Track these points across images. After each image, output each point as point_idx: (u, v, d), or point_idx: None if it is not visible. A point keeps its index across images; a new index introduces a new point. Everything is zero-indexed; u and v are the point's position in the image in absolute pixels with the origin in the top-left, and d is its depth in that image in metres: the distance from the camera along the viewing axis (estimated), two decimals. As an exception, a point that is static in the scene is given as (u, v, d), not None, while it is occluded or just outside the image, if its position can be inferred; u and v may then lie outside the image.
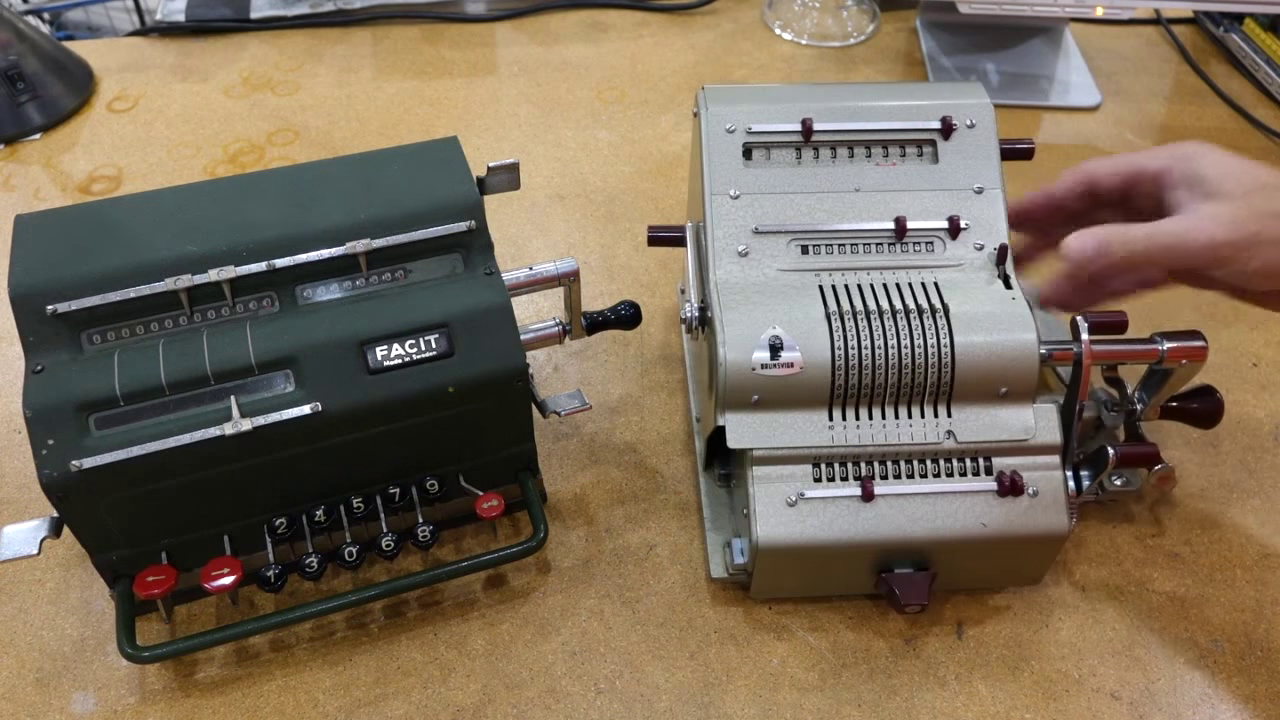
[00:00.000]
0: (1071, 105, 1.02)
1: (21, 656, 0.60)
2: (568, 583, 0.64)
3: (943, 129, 0.63)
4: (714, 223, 0.62)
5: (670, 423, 0.73)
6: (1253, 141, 0.99)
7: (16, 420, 0.72)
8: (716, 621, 0.62)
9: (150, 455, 0.52)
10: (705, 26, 1.12)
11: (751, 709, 0.59)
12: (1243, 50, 1.07)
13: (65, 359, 0.54)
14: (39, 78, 0.97)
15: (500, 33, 1.11)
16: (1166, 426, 0.70)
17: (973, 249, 0.61)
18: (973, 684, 0.60)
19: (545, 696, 0.59)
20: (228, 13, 1.11)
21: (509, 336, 0.58)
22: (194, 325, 0.56)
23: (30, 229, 0.57)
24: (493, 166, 0.62)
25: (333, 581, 0.64)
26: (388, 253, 0.58)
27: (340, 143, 0.96)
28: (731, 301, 0.59)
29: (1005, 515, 0.57)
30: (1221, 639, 0.62)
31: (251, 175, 0.62)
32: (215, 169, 0.93)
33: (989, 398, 0.58)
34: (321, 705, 0.58)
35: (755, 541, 0.57)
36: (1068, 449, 0.59)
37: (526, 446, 0.64)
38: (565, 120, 0.99)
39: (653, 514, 0.68)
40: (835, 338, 0.57)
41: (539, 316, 0.66)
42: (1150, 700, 0.59)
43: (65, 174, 0.93)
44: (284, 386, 0.55)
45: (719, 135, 0.63)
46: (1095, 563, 0.65)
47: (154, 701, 0.58)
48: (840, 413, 0.58)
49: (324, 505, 0.60)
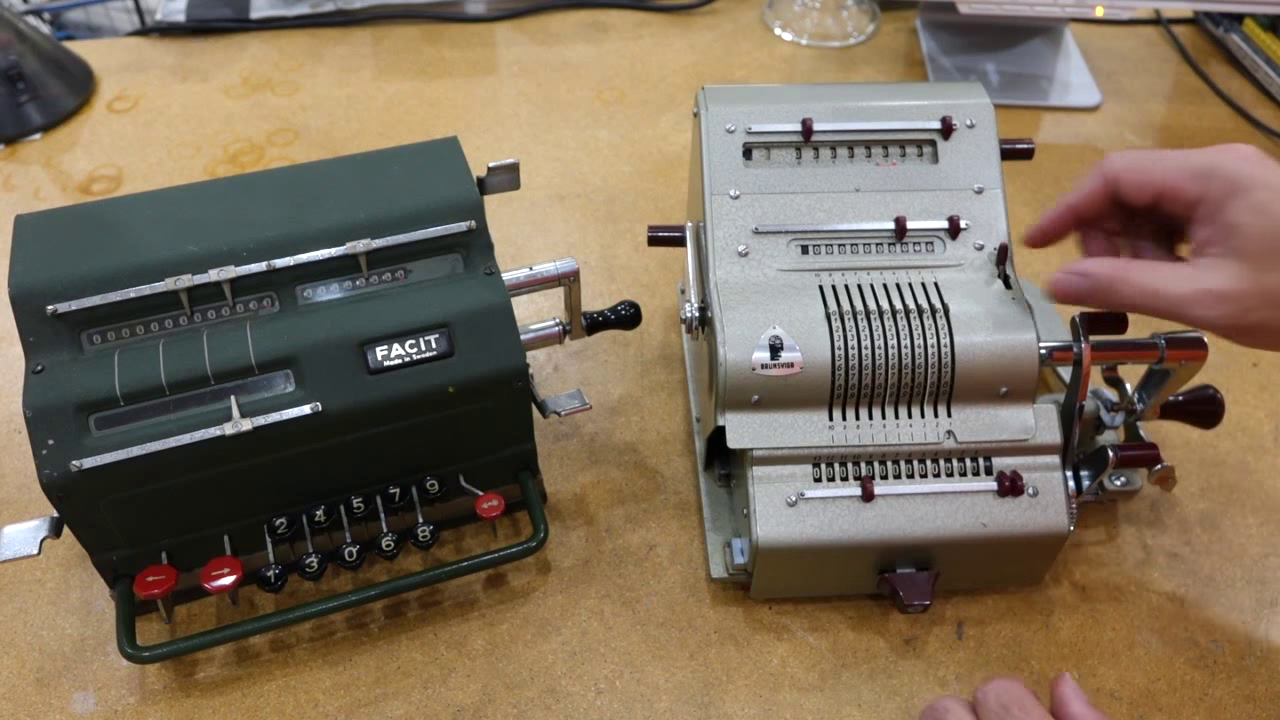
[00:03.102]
0: (1071, 105, 1.02)
1: (21, 656, 0.60)
2: (568, 583, 0.64)
3: (943, 129, 0.63)
4: (714, 223, 0.62)
5: (670, 423, 0.73)
6: (1253, 142, 0.98)
7: (16, 420, 0.72)
8: (716, 621, 0.62)
9: (150, 455, 0.52)
10: (705, 26, 1.12)
11: (751, 709, 0.59)
12: (1243, 50, 1.07)
13: (65, 359, 0.54)
14: (39, 78, 0.97)
15: (500, 33, 1.11)
16: (1166, 426, 0.70)
17: (973, 249, 0.61)
18: (973, 684, 0.60)
19: (545, 696, 0.59)
20: (228, 13, 1.11)
21: (509, 336, 0.58)
22: (194, 325, 0.56)
23: (30, 229, 0.57)
24: (493, 166, 0.62)
25: (333, 581, 0.64)
26: (388, 253, 0.58)
27: (340, 143, 0.96)
28: (731, 301, 0.59)
29: (1005, 515, 0.58)
30: (1221, 639, 0.62)
31: (251, 175, 0.62)
32: (215, 169, 0.93)
33: (989, 398, 0.58)
34: (321, 705, 0.58)
35: (755, 541, 0.57)
36: (1068, 449, 0.59)
37: (526, 446, 0.64)
38: (565, 120, 0.99)
39: (653, 514, 0.68)
40: (835, 338, 0.57)
41: (539, 316, 0.66)
42: (1150, 700, 0.59)
43: (65, 174, 0.92)
44: (284, 386, 0.55)
45: (719, 135, 0.63)
46: (1095, 563, 0.65)
47: (154, 701, 0.58)
48: (840, 413, 0.58)
49: (324, 505, 0.60)
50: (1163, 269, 0.52)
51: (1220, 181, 0.50)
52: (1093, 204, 0.56)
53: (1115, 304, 0.54)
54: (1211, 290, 0.49)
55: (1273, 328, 0.49)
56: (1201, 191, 0.51)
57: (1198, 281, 0.50)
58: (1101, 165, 0.55)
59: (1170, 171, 0.52)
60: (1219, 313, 0.49)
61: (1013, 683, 0.49)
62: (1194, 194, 0.51)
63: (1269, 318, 0.49)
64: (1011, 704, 0.48)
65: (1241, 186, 0.49)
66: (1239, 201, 0.49)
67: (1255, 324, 0.49)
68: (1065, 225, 0.58)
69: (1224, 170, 0.50)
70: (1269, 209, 0.48)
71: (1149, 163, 0.53)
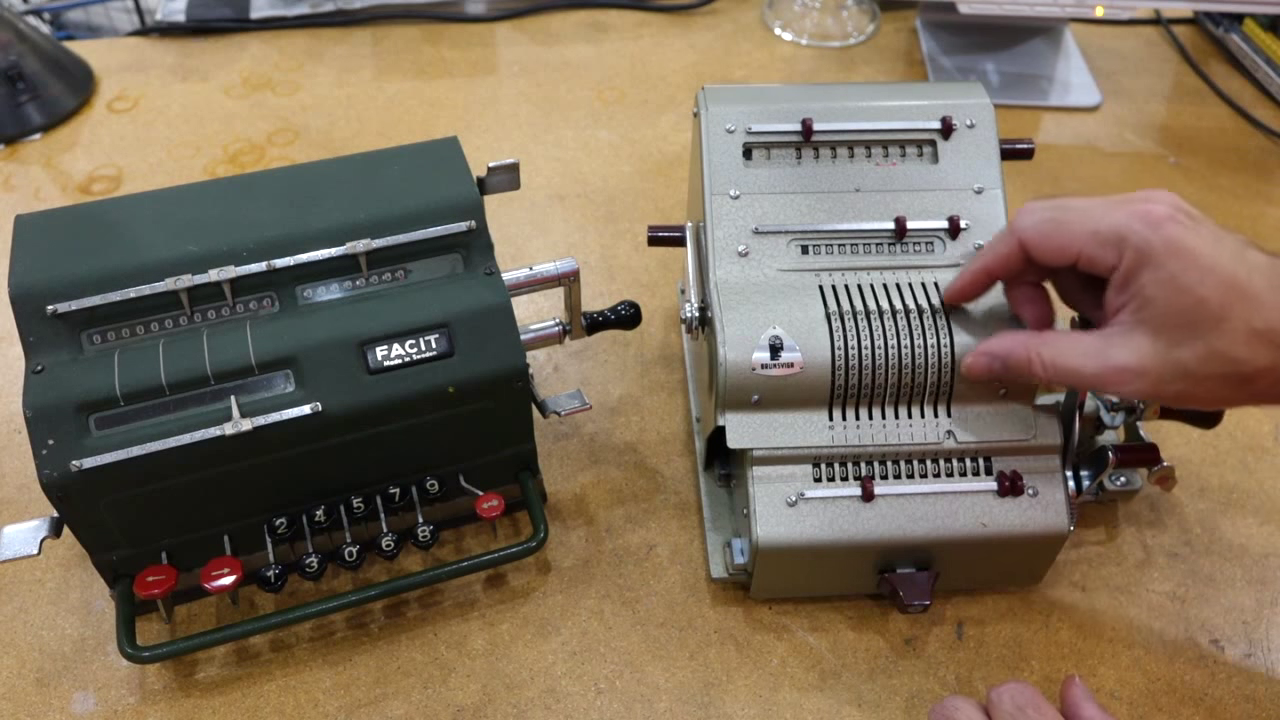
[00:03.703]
0: (1071, 105, 1.02)
1: (21, 656, 0.60)
2: (568, 583, 0.64)
3: (943, 129, 0.63)
4: (714, 223, 0.62)
5: (670, 423, 0.73)
6: (1252, 141, 0.99)
7: (16, 420, 0.72)
8: (716, 621, 0.62)
9: (150, 455, 0.52)
10: (705, 26, 1.12)
11: (751, 709, 0.59)
12: (1243, 50, 1.07)
13: (65, 359, 0.54)
14: (39, 78, 0.97)
15: (500, 33, 1.11)
16: (1166, 426, 0.70)
17: (973, 249, 0.61)
18: (973, 684, 0.60)
19: (545, 696, 0.59)
20: (228, 13, 1.11)
21: (509, 336, 0.58)
22: (194, 325, 0.56)
23: (30, 229, 0.57)
24: (493, 166, 0.62)
25: (333, 581, 0.64)
26: (388, 253, 0.58)
27: (340, 143, 0.96)
28: (731, 301, 0.59)
29: (1005, 515, 0.58)
30: (1221, 639, 0.62)
31: (251, 175, 0.62)
32: (215, 169, 0.93)
33: (989, 398, 0.58)
34: (321, 705, 0.58)
35: (755, 541, 0.57)
36: (1068, 449, 0.59)
37: (526, 446, 0.64)
38: (565, 120, 0.99)
39: (653, 514, 0.68)
40: (835, 338, 0.57)
41: (539, 316, 0.66)
42: (1150, 700, 0.59)
43: (65, 174, 0.92)
44: (284, 386, 0.55)
45: (719, 135, 0.63)
46: (1095, 563, 0.65)
47: (154, 701, 0.58)
48: (840, 413, 0.58)
49: (324, 505, 0.60)
50: (1072, 343, 0.51)
51: (1131, 252, 0.48)
52: (1008, 266, 0.54)
53: (1031, 381, 0.54)
54: (1122, 367, 0.48)
55: (1193, 394, 0.48)
56: (1113, 260, 0.49)
57: (1107, 357, 0.49)
58: (1013, 227, 0.53)
59: (1078, 239, 0.50)
60: (1133, 388, 0.49)
61: (1026, 685, 0.50)
62: (1107, 261, 0.49)
63: (1184, 389, 0.48)
64: (1026, 705, 0.48)
65: (1153, 258, 0.47)
66: (1150, 274, 0.47)
67: (1172, 395, 0.48)
68: (981, 286, 0.56)
69: (1133, 240, 0.48)
70: (1179, 282, 0.47)
71: (1056, 229, 0.51)
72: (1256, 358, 0.46)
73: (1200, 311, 0.46)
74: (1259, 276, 0.46)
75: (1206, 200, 0.92)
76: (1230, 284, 0.46)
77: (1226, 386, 0.47)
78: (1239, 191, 0.93)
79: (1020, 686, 0.50)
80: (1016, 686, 0.50)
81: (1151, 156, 0.96)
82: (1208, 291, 0.46)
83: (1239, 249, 0.47)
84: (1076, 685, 0.51)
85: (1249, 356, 0.46)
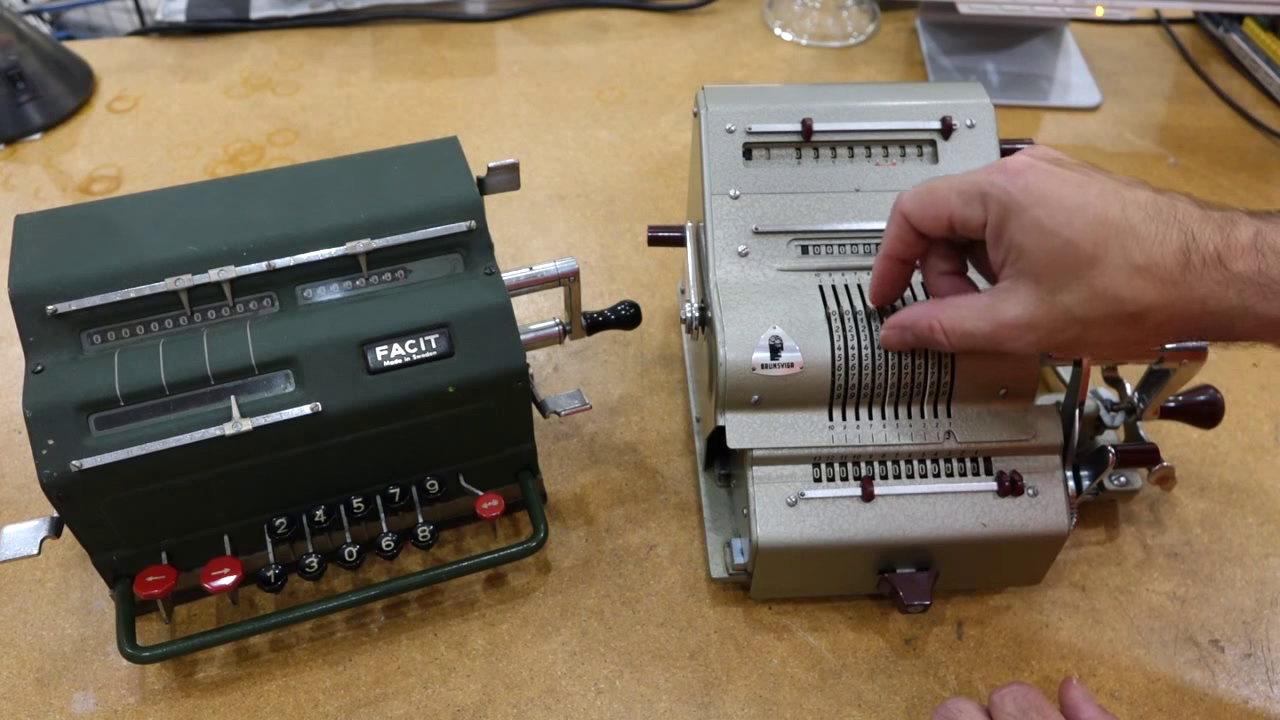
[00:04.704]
0: (1071, 105, 1.02)
1: (21, 656, 0.60)
2: (568, 583, 0.64)
3: (943, 129, 0.63)
4: (714, 223, 0.62)
5: (670, 423, 0.73)
6: (1252, 141, 0.99)
7: (16, 420, 0.72)
8: (716, 621, 0.62)
9: (150, 455, 0.52)
10: (705, 26, 1.12)
11: (751, 709, 0.59)
12: (1243, 50, 1.07)
13: (65, 359, 0.54)
14: (39, 78, 0.97)
15: (500, 33, 1.11)
16: (1166, 426, 0.70)
17: (973, 249, 0.61)
18: (973, 684, 0.60)
19: (545, 696, 0.59)
20: (228, 13, 1.11)
21: (509, 336, 0.58)
22: (194, 325, 0.56)
23: (30, 229, 0.57)
24: (493, 166, 0.62)
25: (333, 581, 0.64)
26: (388, 253, 0.58)
27: (340, 143, 0.96)
28: (731, 301, 0.59)
29: (1005, 515, 0.57)
30: (1221, 639, 0.62)
31: (251, 175, 0.62)
32: (215, 169, 0.93)
33: (989, 398, 0.58)
34: (321, 705, 0.58)
35: (755, 541, 0.57)
36: (1068, 449, 0.59)
37: (526, 446, 0.64)
38: (565, 120, 0.99)
39: (653, 514, 0.68)
40: (835, 338, 0.57)
41: (539, 316, 0.66)
42: (1150, 700, 0.59)
43: (65, 174, 0.93)
44: (284, 386, 0.55)
45: (719, 135, 0.63)
46: (1095, 563, 0.65)
47: (154, 701, 0.58)
48: (840, 413, 0.58)
49: (324, 505, 0.60)
50: (968, 305, 0.51)
51: (994, 205, 0.48)
52: (905, 245, 0.53)
53: (941, 349, 0.53)
54: (1011, 322, 0.48)
55: (1087, 341, 0.47)
56: (981, 215, 0.49)
57: (997, 313, 0.49)
58: (895, 205, 0.53)
59: (947, 201, 0.50)
60: (1027, 341, 0.48)
61: (1028, 688, 0.50)
62: (976, 219, 0.49)
63: (1076, 335, 0.47)
64: (1029, 708, 0.48)
65: (1015, 207, 0.47)
66: (1015, 223, 0.47)
67: (1066, 342, 0.48)
68: (892, 273, 0.55)
69: (993, 192, 0.48)
70: (1045, 226, 0.46)
71: (929, 196, 0.51)
72: (1141, 294, 0.45)
73: (1072, 253, 0.45)
74: (1136, 211, 0.45)
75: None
76: (1102, 221, 0.45)
77: (1119, 328, 0.46)
78: (1239, 191, 0.93)
79: (1023, 689, 0.49)
80: (1019, 689, 0.50)
81: (1151, 156, 0.96)
82: (1076, 232, 0.45)
83: (1114, 187, 0.46)
84: (1075, 687, 0.51)
85: (1133, 294, 0.45)
